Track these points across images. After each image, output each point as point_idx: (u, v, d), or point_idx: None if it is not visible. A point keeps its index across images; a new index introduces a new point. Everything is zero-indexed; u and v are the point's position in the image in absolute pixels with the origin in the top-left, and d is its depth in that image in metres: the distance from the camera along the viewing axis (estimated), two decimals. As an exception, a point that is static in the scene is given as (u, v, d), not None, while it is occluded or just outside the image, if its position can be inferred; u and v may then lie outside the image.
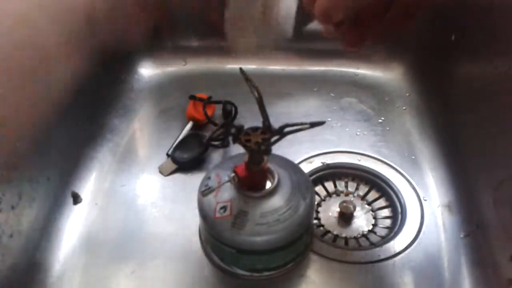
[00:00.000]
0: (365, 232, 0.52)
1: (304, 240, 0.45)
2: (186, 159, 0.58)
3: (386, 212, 0.55)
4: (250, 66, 0.70)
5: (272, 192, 0.41)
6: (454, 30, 0.59)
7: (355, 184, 0.57)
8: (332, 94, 0.68)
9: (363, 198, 0.56)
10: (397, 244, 0.50)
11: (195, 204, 0.43)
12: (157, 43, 0.72)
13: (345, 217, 0.53)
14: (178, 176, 0.58)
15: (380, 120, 0.64)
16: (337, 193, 0.56)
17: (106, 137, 0.62)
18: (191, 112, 0.62)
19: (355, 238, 0.52)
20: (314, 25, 0.68)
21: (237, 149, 0.43)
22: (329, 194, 0.56)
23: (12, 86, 0.46)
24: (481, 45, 0.54)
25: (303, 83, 0.69)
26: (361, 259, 0.49)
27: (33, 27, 0.50)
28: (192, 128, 0.62)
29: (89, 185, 0.56)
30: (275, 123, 0.38)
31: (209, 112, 0.62)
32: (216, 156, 0.59)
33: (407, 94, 0.67)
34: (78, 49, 0.59)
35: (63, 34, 0.55)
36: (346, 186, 0.57)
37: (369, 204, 0.55)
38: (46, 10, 0.52)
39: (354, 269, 0.48)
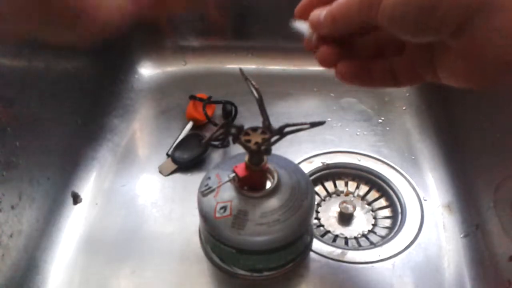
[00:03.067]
0: (365, 232, 0.52)
1: (304, 240, 0.45)
2: (186, 159, 0.58)
3: (386, 212, 0.55)
4: (250, 66, 0.71)
5: (272, 192, 0.41)
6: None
7: (355, 184, 0.57)
8: (332, 94, 0.68)
9: (363, 198, 0.56)
10: (397, 244, 0.50)
11: (195, 204, 0.43)
12: (157, 43, 0.72)
13: (345, 217, 0.53)
14: (178, 176, 0.58)
15: (380, 120, 0.64)
16: (337, 193, 0.56)
17: (106, 137, 0.62)
18: (191, 112, 0.62)
19: (355, 238, 0.52)
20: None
21: (237, 149, 0.43)
22: (329, 194, 0.56)
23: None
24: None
25: (303, 83, 0.69)
26: (361, 259, 0.49)
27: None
28: (192, 128, 0.62)
29: (89, 185, 0.56)
30: (275, 123, 0.38)
31: (209, 112, 0.62)
32: (216, 156, 0.59)
33: (407, 94, 0.67)
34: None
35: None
36: (346, 186, 0.57)
37: (369, 204, 0.55)
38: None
39: (354, 269, 0.48)
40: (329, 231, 0.53)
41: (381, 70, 0.32)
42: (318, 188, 0.57)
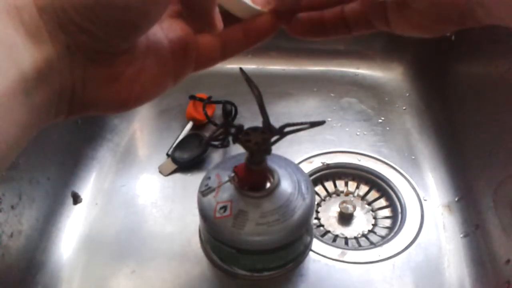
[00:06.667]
0: (365, 232, 0.52)
1: (304, 240, 0.45)
2: (186, 159, 0.58)
3: (386, 212, 0.55)
4: (250, 66, 0.70)
5: (272, 192, 0.41)
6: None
7: (355, 184, 0.57)
8: (332, 94, 0.68)
9: (363, 198, 0.56)
10: (397, 244, 0.50)
11: (195, 204, 0.43)
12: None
13: (345, 217, 0.53)
14: (178, 176, 0.58)
15: (380, 120, 0.64)
16: (337, 193, 0.56)
17: (106, 137, 0.62)
18: (191, 112, 0.62)
19: (355, 238, 0.52)
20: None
21: (237, 149, 0.43)
22: (329, 194, 0.56)
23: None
24: (481, 45, 0.54)
25: (303, 83, 0.69)
26: (361, 259, 0.49)
27: None
28: (192, 128, 0.62)
29: (89, 185, 0.56)
30: (275, 123, 0.38)
31: (209, 112, 0.62)
32: (216, 156, 0.59)
33: (407, 94, 0.67)
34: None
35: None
36: (346, 186, 0.57)
37: (369, 204, 0.55)
38: None
39: (354, 269, 0.48)
40: (329, 231, 0.53)
41: (333, 18, 0.32)
42: (318, 188, 0.57)
